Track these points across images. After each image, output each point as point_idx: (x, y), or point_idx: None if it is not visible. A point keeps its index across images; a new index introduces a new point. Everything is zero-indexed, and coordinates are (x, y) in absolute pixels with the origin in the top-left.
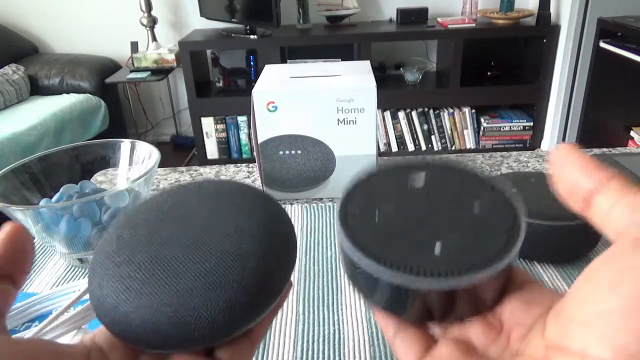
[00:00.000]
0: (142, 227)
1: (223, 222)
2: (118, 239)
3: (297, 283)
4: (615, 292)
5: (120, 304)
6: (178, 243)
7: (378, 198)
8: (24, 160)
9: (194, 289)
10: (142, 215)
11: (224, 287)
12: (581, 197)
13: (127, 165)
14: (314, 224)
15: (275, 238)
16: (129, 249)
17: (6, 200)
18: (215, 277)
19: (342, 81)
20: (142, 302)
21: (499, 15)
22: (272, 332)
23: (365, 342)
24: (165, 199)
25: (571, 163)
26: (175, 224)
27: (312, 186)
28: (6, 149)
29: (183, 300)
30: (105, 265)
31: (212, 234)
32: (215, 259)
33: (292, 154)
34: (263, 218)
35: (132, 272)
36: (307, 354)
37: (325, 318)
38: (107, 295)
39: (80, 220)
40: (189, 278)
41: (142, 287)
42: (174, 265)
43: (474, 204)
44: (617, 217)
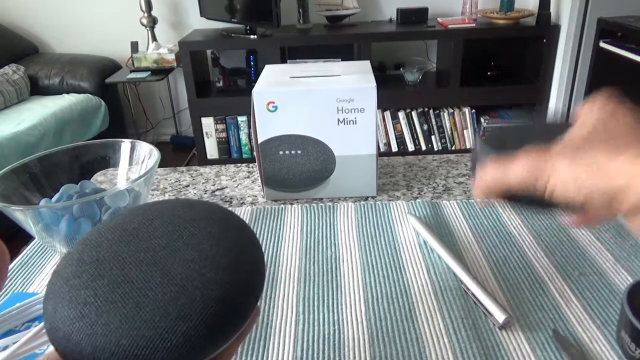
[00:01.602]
0: (104, 249)
1: (188, 247)
2: (79, 260)
3: (297, 283)
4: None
5: (73, 333)
6: (139, 268)
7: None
8: (24, 160)
9: (152, 320)
10: (106, 235)
11: (183, 318)
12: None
13: (127, 165)
14: (314, 224)
15: (241, 266)
16: (89, 272)
17: (6, 200)
18: (174, 308)
19: (342, 81)
20: (96, 331)
21: (499, 15)
22: (272, 332)
23: (365, 342)
24: (132, 219)
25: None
26: (138, 246)
27: (312, 186)
28: (6, 149)
29: (140, 332)
30: (62, 289)
31: (175, 260)
32: (176, 288)
33: (292, 154)
34: (229, 245)
35: (89, 298)
36: (307, 354)
37: (325, 318)
38: (61, 321)
39: (80, 220)
40: (147, 308)
41: (98, 316)
42: (132, 293)
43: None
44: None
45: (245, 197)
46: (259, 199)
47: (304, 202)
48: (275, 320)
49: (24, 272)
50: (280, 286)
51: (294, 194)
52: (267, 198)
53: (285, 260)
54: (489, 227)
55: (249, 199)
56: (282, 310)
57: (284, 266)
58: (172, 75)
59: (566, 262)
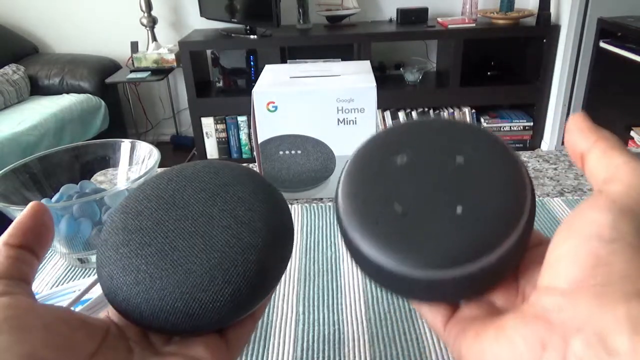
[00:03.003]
0: (146, 217)
1: (223, 213)
2: (124, 229)
3: (297, 283)
4: (570, 239)
5: (131, 297)
6: (181, 235)
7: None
8: (24, 160)
9: (202, 284)
10: (144, 203)
11: (229, 281)
12: (579, 157)
13: (127, 165)
14: (314, 224)
15: (274, 228)
16: (135, 240)
17: (6, 200)
18: (219, 272)
19: (342, 81)
20: (152, 296)
21: (499, 15)
22: (272, 332)
23: (365, 342)
24: (165, 186)
25: (574, 127)
26: (177, 214)
27: (312, 186)
28: (6, 149)
29: (191, 295)
30: (114, 257)
31: (213, 227)
32: (219, 254)
33: (292, 154)
34: (262, 208)
35: (141, 266)
36: (307, 354)
37: (325, 318)
38: (118, 287)
39: (80, 220)
40: (196, 274)
41: (152, 282)
42: (180, 260)
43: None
44: (596, 174)
45: None
46: None
47: (304, 202)
48: (275, 320)
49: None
50: (280, 286)
51: (294, 194)
52: None
53: None
54: None
55: None
56: (282, 310)
57: None
58: (172, 75)
59: None
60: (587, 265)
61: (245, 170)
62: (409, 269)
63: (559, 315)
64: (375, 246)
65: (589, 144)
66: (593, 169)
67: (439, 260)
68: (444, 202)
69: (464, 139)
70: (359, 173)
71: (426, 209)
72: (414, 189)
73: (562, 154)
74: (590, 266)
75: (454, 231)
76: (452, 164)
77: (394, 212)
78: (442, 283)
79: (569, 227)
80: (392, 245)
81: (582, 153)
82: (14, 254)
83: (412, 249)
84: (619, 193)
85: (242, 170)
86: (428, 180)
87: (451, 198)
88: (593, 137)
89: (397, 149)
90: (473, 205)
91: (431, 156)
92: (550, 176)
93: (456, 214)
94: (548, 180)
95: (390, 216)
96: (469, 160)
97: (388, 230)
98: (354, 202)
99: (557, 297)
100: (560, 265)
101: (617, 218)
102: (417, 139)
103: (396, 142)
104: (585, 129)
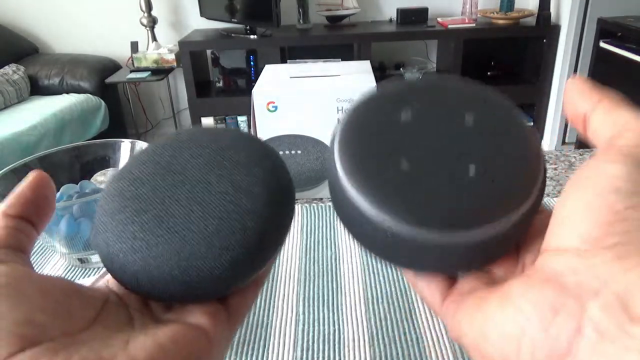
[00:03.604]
0: (142, 184)
1: (221, 179)
2: (120, 195)
3: (297, 283)
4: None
5: (128, 265)
6: (178, 202)
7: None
8: (24, 160)
9: (199, 252)
10: (141, 169)
11: (227, 248)
12: (580, 119)
13: None
14: (314, 224)
15: (274, 193)
16: (132, 207)
17: None
18: (217, 239)
19: (342, 81)
20: (149, 263)
21: (499, 15)
22: (272, 332)
23: (365, 342)
24: (162, 151)
25: (574, 90)
26: (174, 180)
27: (312, 186)
28: (6, 149)
29: (189, 262)
30: (110, 223)
31: (211, 193)
32: (216, 220)
33: (292, 154)
34: (261, 173)
35: (137, 233)
36: (307, 354)
37: (325, 318)
38: (115, 255)
39: (80, 220)
40: (193, 241)
41: (148, 250)
42: (177, 227)
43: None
44: (602, 131)
45: None
46: None
47: (304, 202)
48: (275, 320)
49: None
50: (280, 286)
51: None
52: None
53: (285, 260)
54: None
55: None
56: (282, 310)
57: (284, 266)
58: (172, 75)
59: None
60: (603, 221)
61: (245, 134)
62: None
63: (574, 277)
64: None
65: (592, 104)
66: (598, 128)
67: (454, 220)
68: (456, 160)
69: (474, 96)
70: (358, 126)
71: (436, 166)
72: (421, 145)
73: (562, 154)
74: (608, 222)
75: (470, 191)
76: (460, 120)
77: (400, 167)
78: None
79: (578, 183)
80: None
81: (585, 114)
82: (12, 224)
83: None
84: (632, 146)
85: (241, 135)
86: (437, 137)
87: (463, 157)
88: (596, 96)
89: (400, 104)
90: (487, 165)
91: (439, 112)
92: (550, 176)
93: (469, 173)
94: (548, 180)
95: (397, 171)
96: (480, 119)
97: (396, 185)
98: (354, 155)
99: (570, 257)
100: (572, 223)
101: (632, 170)
102: (423, 95)
103: (399, 97)
104: (587, 90)
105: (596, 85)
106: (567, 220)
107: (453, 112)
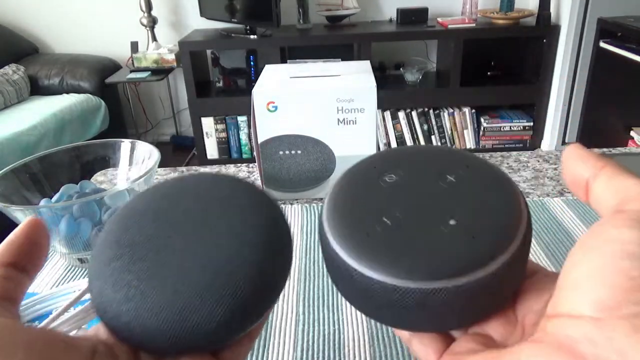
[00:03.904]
0: (139, 231)
1: (218, 229)
2: (117, 242)
3: (297, 283)
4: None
5: (121, 315)
6: (174, 252)
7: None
8: (24, 160)
9: (192, 305)
10: (138, 216)
11: (220, 302)
12: (582, 186)
13: (127, 165)
14: (314, 224)
15: (271, 245)
16: (127, 255)
17: (6, 200)
18: (211, 293)
19: (342, 81)
20: (143, 314)
21: (499, 15)
22: (272, 332)
23: (365, 342)
24: (161, 199)
25: (574, 157)
26: (171, 229)
27: (312, 186)
28: (6, 149)
29: (181, 316)
30: (105, 272)
31: (206, 244)
32: (210, 274)
33: (292, 154)
34: (260, 223)
35: (132, 282)
36: (307, 354)
37: (325, 318)
38: (108, 304)
39: (80, 220)
40: (185, 294)
41: (142, 300)
42: (170, 279)
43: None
44: (606, 198)
45: None
46: None
47: (304, 202)
48: (275, 320)
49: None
50: None
51: (294, 194)
52: None
53: None
54: None
55: None
56: (282, 310)
57: None
58: (172, 75)
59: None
60: (619, 289)
61: (243, 183)
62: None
63: (591, 348)
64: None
65: (594, 170)
66: (601, 194)
67: (433, 269)
68: (436, 215)
69: (454, 159)
70: (346, 190)
71: (417, 222)
72: (404, 204)
73: (562, 154)
74: (623, 290)
75: (448, 242)
76: (443, 182)
77: (383, 225)
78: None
79: (587, 247)
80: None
81: (587, 180)
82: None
83: (404, 260)
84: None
85: (240, 184)
86: (418, 197)
87: (443, 212)
88: (599, 163)
89: (385, 169)
90: (467, 218)
91: (421, 175)
92: (550, 176)
93: (449, 225)
94: (548, 180)
95: (380, 229)
96: (461, 178)
97: (378, 242)
98: (341, 216)
99: (585, 326)
100: (585, 289)
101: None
102: (406, 161)
103: (384, 163)
104: (587, 156)
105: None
106: (579, 286)
107: (435, 174)
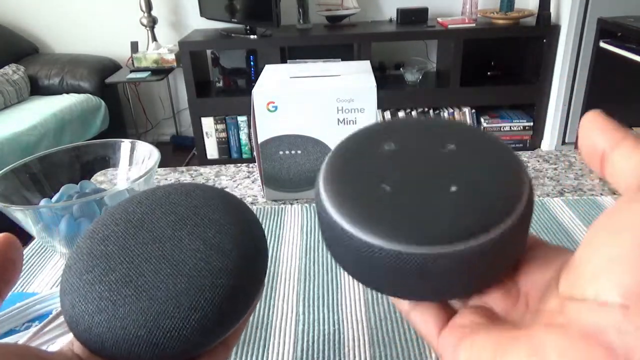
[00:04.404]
0: (112, 242)
1: (192, 237)
2: (89, 254)
3: (297, 283)
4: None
5: (93, 326)
6: (147, 260)
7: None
8: (24, 160)
9: (166, 312)
10: (112, 227)
11: (196, 308)
12: (598, 157)
13: (127, 165)
14: (314, 224)
15: (245, 251)
16: (100, 266)
17: (6, 200)
18: (186, 299)
19: (342, 81)
20: (115, 324)
21: (499, 15)
22: (272, 332)
23: (365, 342)
24: (134, 209)
25: (592, 126)
26: (145, 238)
27: (311, 186)
28: (6, 149)
29: (156, 323)
30: (77, 284)
31: (181, 251)
32: (186, 279)
33: (292, 154)
34: (233, 231)
35: (104, 293)
36: (307, 354)
37: (325, 318)
38: (80, 316)
39: (80, 220)
40: (160, 300)
41: (114, 310)
42: (145, 286)
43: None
44: (626, 172)
45: (245, 197)
46: (259, 199)
47: (304, 202)
48: (275, 320)
49: (24, 272)
50: (280, 286)
51: (294, 194)
52: (267, 198)
53: (285, 260)
54: None
55: (249, 199)
56: (282, 310)
57: (284, 266)
58: (172, 75)
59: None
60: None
61: (217, 191)
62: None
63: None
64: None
65: (614, 142)
66: (620, 168)
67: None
68: (437, 182)
69: (453, 129)
70: (342, 158)
71: (418, 188)
72: (403, 171)
73: (562, 154)
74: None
75: (451, 208)
76: (443, 150)
77: (383, 191)
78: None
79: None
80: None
81: (603, 152)
82: None
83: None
84: None
85: (214, 192)
86: (418, 164)
87: (444, 178)
88: (619, 134)
89: (383, 137)
90: (468, 184)
91: (421, 143)
92: (550, 176)
93: (449, 192)
94: (548, 180)
95: (379, 195)
96: (460, 146)
97: (378, 207)
98: (337, 183)
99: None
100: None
101: None
102: (405, 129)
103: (383, 131)
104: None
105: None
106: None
107: (434, 141)
